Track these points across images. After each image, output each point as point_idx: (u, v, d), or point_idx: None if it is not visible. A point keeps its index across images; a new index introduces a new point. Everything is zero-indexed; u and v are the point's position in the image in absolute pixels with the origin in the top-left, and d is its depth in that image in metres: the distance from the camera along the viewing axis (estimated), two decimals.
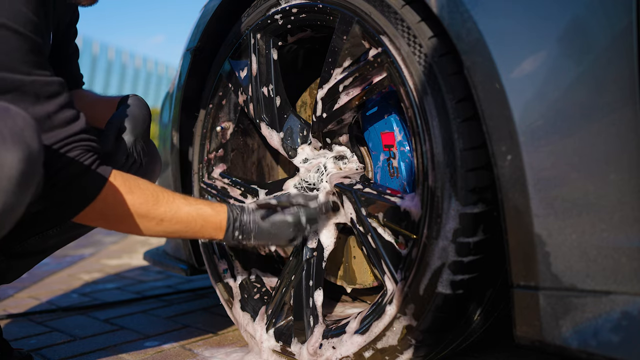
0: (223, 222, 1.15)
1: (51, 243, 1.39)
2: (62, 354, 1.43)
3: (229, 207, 1.17)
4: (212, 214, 1.14)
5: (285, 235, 1.19)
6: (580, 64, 0.80)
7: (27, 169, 0.83)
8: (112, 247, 3.28)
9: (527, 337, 0.85)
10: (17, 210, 0.85)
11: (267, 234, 1.18)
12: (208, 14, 1.45)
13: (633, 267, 0.76)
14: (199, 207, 1.13)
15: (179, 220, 1.10)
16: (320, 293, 1.23)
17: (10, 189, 0.81)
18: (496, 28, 0.87)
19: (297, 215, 1.20)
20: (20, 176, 0.82)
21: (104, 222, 1.09)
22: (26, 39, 0.96)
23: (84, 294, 2.10)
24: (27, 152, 0.83)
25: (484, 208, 0.94)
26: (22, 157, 0.82)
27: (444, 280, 0.97)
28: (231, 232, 1.15)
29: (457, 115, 0.94)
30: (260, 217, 1.18)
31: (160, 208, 1.08)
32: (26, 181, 0.83)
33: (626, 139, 0.76)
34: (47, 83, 0.99)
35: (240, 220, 1.16)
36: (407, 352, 1.06)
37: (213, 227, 1.14)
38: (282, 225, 1.18)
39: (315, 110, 1.22)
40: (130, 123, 1.27)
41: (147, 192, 1.08)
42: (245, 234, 1.17)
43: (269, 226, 1.18)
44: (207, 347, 1.45)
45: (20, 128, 0.83)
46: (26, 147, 0.83)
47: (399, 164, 1.19)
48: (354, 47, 1.11)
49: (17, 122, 0.84)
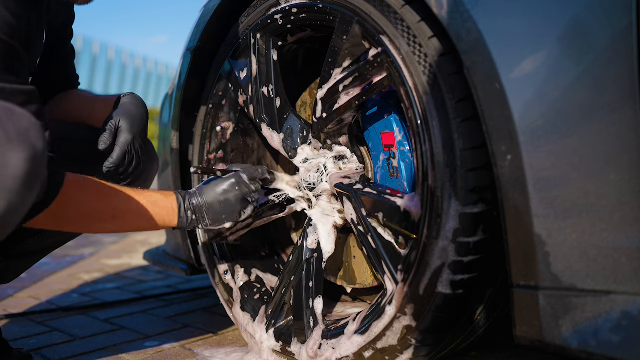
0: (174, 204, 1.16)
1: (49, 243, 1.39)
2: (62, 353, 1.43)
3: (177, 192, 1.20)
4: (161, 198, 1.16)
5: (235, 200, 1.20)
6: (580, 64, 0.80)
7: (32, 169, 0.83)
8: (112, 247, 3.27)
9: (527, 337, 0.85)
10: (21, 210, 0.85)
11: (217, 204, 1.19)
12: (208, 13, 1.45)
13: (633, 267, 0.76)
14: (148, 195, 1.15)
15: (131, 212, 1.11)
16: (320, 300, 1.23)
17: (15, 188, 0.81)
18: (496, 28, 0.87)
19: (238, 175, 1.22)
20: (26, 176, 0.82)
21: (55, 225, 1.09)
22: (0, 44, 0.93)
23: (84, 294, 2.10)
24: (33, 152, 0.83)
25: (484, 208, 0.94)
26: (27, 157, 0.82)
27: (444, 280, 0.97)
28: (184, 214, 1.17)
29: (457, 115, 0.94)
30: (206, 192, 1.20)
31: (112, 203, 1.08)
32: (31, 181, 0.84)
33: (626, 139, 0.76)
34: (17, 92, 0.96)
35: (189, 201, 1.18)
36: (407, 352, 1.06)
37: (165, 212, 1.15)
38: (228, 189, 1.20)
39: (315, 110, 1.22)
40: (127, 121, 1.27)
41: (97, 190, 1.08)
42: (198, 213, 1.18)
43: (217, 195, 1.19)
44: (207, 347, 1.45)
45: (25, 128, 0.83)
46: (31, 147, 0.83)
47: (399, 164, 1.19)
48: (354, 47, 1.11)
49: (22, 123, 0.84)
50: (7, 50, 0.96)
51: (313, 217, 1.30)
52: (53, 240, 1.39)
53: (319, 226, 1.28)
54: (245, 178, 1.22)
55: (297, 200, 1.35)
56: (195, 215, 1.18)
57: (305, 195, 1.33)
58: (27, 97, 0.99)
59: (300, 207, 1.36)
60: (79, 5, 1.27)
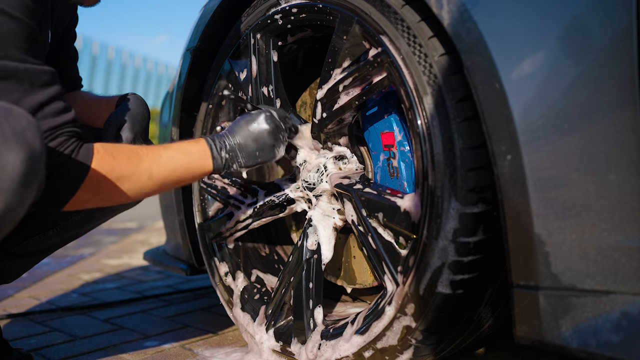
0: (205, 148, 1.14)
1: (51, 242, 1.39)
2: (62, 353, 1.43)
3: (205, 136, 1.17)
4: (191, 146, 1.14)
5: (268, 135, 1.17)
6: (580, 64, 0.80)
7: (29, 168, 0.83)
8: (112, 247, 3.28)
9: (527, 336, 0.85)
10: (19, 210, 0.85)
11: (250, 140, 1.16)
12: (208, 13, 1.45)
13: (633, 267, 0.76)
14: (177, 146, 1.13)
15: (166, 166, 1.09)
16: (320, 310, 1.23)
17: (12, 188, 0.81)
18: (496, 28, 0.87)
19: (268, 110, 1.20)
20: (23, 176, 0.82)
21: (98, 199, 1.06)
22: (22, 25, 0.95)
23: (84, 294, 2.10)
24: (30, 152, 0.83)
25: (484, 208, 0.94)
26: (24, 157, 0.82)
27: (443, 280, 0.97)
28: (217, 155, 1.14)
29: (457, 115, 0.94)
30: (237, 130, 1.17)
31: (144, 162, 1.06)
32: (28, 181, 0.84)
33: (626, 139, 0.76)
34: (41, 72, 0.98)
35: (221, 141, 1.15)
36: (407, 352, 1.06)
37: (198, 158, 1.13)
38: (260, 124, 1.17)
39: (315, 111, 1.22)
40: (129, 121, 1.27)
41: (127, 153, 1.06)
42: (232, 152, 1.15)
43: (249, 132, 1.17)
44: (207, 347, 1.45)
45: (22, 128, 0.84)
46: (28, 147, 0.83)
47: (398, 163, 1.19)
48: (353, 47, 1.11)
49: (20, 122, 0.84)
50: (29, 32, 0.97)
51: (313, 218, 1.29)
52: (55, 240, 1.39)
53: (319, 229, 1.28)
54: (275, 114, 1.20)
55: (297, 201, 1.35)
56: (228, 155, 1.15)
57: (305, 195, 1.33)
58: (51, 76, 1.00)
59: (300, 208, 1.36)
60: (86, 7, 1.27)
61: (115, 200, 1.07)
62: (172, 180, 1.11)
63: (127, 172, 1.04)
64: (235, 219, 1.42)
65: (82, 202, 1.03)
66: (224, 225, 1.44)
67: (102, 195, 1.05)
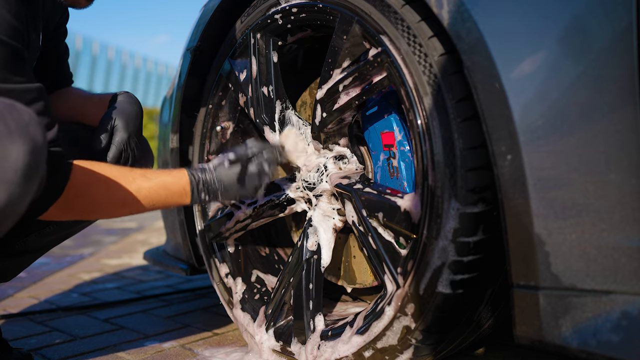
0: (186, 187, 1.15)
1: (48, 240, 1.39)
2: (62, 353, 1.43)
3: (189, 170, 1.16)
4: (173, 181, 1.14)
5: (251, 185, 1.19)
6: (580, 64, 0.80)
7: (32, 161, 0.85)
8: (112, 247, 3.27)
9: (527, 336, 0.85)
10: (21, 203, 0.87)
11: (232, 188, 1.17)
12: (208, 13, 1.45)
13: (633, 267, 0.76)
14: (159, 179, 1.13)
15: (144, 199, 1.11)
16: (320, 318, 1.23)
17: (16, 180, 0.83)
18: (496, 28, 0.87)
19: (260, 163, 1.20)
20: (26, 168, 0.84)
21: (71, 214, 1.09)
22: (6, 47, 0.95)
23: (84, 294, 2.10)
24: (32, 145, 0.85)
25: (484, 208, 0.94)
26: (27, 149, 0.84)
27: (443, 280, 0.97)
28: (197, 195, 1.15)
29: (457, 115, 0.94)
30: (223, 174, 1.17)
31: (120, 193, 1.08)
32: (31, 173, 0.85)
33: (626, 139, 0.76)
34: (25, 90, 0.99)
35: (203, 181, 1.16)
36: (407, 352, 1.06)
37: (178, 195, 1.14)
38: (249, 176, 1.18)
39: (315, 110, 1.22)
40: (122, 120, 1.27)
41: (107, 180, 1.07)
42: (212, 193, 1.16)
43: (233, 180, 1.17)
44: (207, 347, 1.45)
45: (25, 122, 0.85)
46: (31, 140, 0.85)
47: (399, 163, 1.19)
48: (353, 46, 1.11)
49: (22, 117, 0.86)
50: (13, 52, 0.97)
51: (314, 219, 1.29)
52: (53, 237, 1.39)
53: (319, 230, 1.28)
54: (266, 167, 1.20)
55: (297, 201, 1.35)
56: (208, 197, 1.16)
57: (305, 195, 1.33)
58: (35, 94, 1.01)
59: (301, 208, 1.36)
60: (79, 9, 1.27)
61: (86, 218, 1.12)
62: (144, 209, 1.14)
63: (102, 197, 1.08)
64: (235, 218, 1.42)
65: (53, 217, 1.06)
66: (224, 225, 1.44)
67: (74, 212, 1.09)
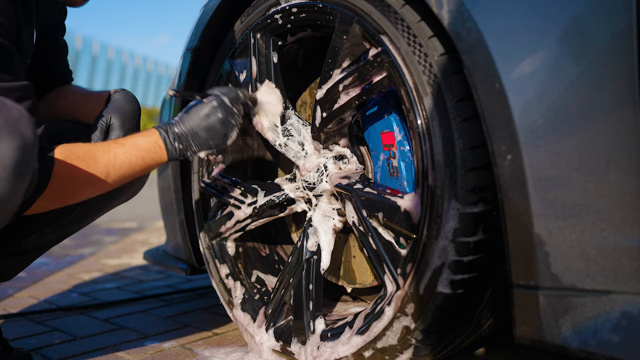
0: (158, 140, 1.15)
1: (48, 240, 1.40)
2: (62, 353, 1.43)
3: (157, 127, 1.18)
4: (145, 140, 1.15)
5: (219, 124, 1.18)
6: (580, 64, 0.80)
7: (22, 157, 0.84)
8: (112, 247, 3.27)
9: (527, 336, 0.85)
10: (10, 200, 0.86)
11: (202, 129, 1.17)
12: (208, 13, 1.45)
13: (633, 267, 0.76)
14: (131, 141, 1.14)
15: (122, 165, 1.11)
16: (320, 318, 1.23)
17: (5, 177, 0.83)
18: (496, 27, 0.87)
19: (220, 98, 1.20)
20: (15, 164, 0.84)
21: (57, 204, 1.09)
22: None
23: (84, 294, 2.10)
24: (22, 141, 0.85)
25: (484, 208, 0.94)
26: (16, 146, 0.83)
27: (443, 280, 0.97)
28: (171, 146, 1.16)
29: (457, 115, 0.94)
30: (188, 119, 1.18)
31: (101, 165, 1.08)
32: (21, 170, 0.85)
33: (626, 139, 0.76)
34: (13, 89, 0.99)
35: (173, 132, 1.16)
36: (407, 352, 1.06)
37: (153, 151, 1.14)
38: (211, 113, 1.18)
39: (315, 110, 1.22)
40: (119, 118, 1.27)
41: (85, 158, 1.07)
42: (184, 142, 1.16)
43: (200, 120, 1.17)
44: (207, 347, 1.45)
45: (15, 119, 0.85)
46: (20, 136, 0.84)
47: (398, 163, 1.19)
48: (353, 46, 1.11)
49: (12, 114, 0.86)
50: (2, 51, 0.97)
51: (314, 219, 1.29)
52: (52, 237, 1.39)
53: (319, 231, 1.27)
54: (226, 100, 1.20)
55: (297, 201, 1.35)
56: (182, 145, 1.16)
57: (305, 195, 1.33)
58: (22, 92, 1.01)
59: (300, 208, 1.36)
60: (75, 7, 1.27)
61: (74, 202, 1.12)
62: (128, 175, 1.13)
63: (85, 177, 1.07)
64: (235, 218, 1.42)
65: (41, 208, 1.05)
66: (224, 225, 1.44)
67: (60, 199, 1.09)
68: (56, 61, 1.46)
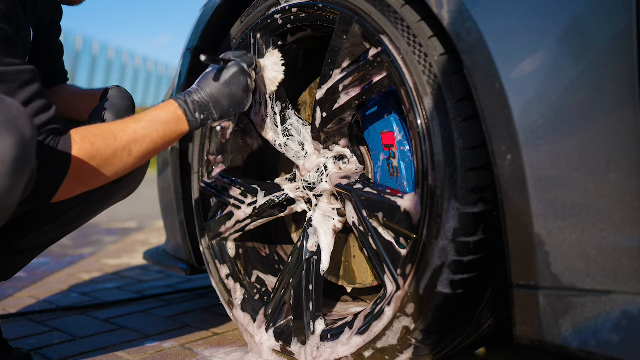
0: (178, 111, 1.14)
1: (47, 238, 1.40)
2: (62, 353, 1.43)
3: (175, 97, 1.16)
4: (163, 113, 1.13)
5: (241, 90, 1.18)
6: (580, 64, 0.80)
7: (20, 154, 0.85)
8: (112, 247, 3.27)
9: (527, 336, 0.85)
10: (12, 196, 0.86)
11: (225, 96, 1.16)
12: (208, 13, 1.45)
13: (633, 267, 0.76)
14: (149, 116, 1.12)
15: (144, 140, 1.09)
16: (320, 318, 1.23)
17: (4, 173, 0.83)
18: (496, 28, 0.87)
19: (239, 64, 1.19)
20: (14, 161, 0.84)
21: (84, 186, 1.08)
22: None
23: (84, 294, 2.10)
24: (20, 138, 0.85)
25: (484, 208, 0.94)
26: (15, 142, 0.84)
27: (443, 280, 0.97)
28: (191, 116, 1.14)
29: (457, 115, 0.94)
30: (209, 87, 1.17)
31: (121, 142, 1.07)
32: (20, 166, 0.85)
33: (626, 139, 0.76)
34: (19, 72, 0.99)
35: (192, 100, 1.15)
36: (407, 352, 1.06)
37: (174, 123, 1.13)
38: (232, 79, 1.17)
39: (315, 110, 1.22)
40: (113, 115, 1.27)
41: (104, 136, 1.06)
42: (206, 110, 1.15)
43: (221, 87, 1.17)
44: (207, 347, 1.45)
45: (13, 116, 0.86)
46: (19, 133, 0.85)
47: (398, 163, 1.19)
48: (353, 46, 1.11)
49: (10, 110, 0.86)
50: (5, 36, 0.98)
51: (314, 219, 1.29)
52: (51, 235, 1.39)
53: (320, 232, 1.27)
54: (245, 66, 1.20)
55: (297, 201, 1.35)
56: (203, 115, 1.15)
57: (305, 195, 1.33)
58: (30, 75, 1.01)
59: (300, 208, 1.36)
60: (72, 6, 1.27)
61: (100, 183, 1.09)
62: (151, 151, 1.12)
63: (107, 155, 1.05)
64: (235, 218, 1.42)
65: (68, 192, 1.05)
66: (224, 225, 1.44)
67: (86, 181, 1.06)
68: (52, 61, 1.46)
